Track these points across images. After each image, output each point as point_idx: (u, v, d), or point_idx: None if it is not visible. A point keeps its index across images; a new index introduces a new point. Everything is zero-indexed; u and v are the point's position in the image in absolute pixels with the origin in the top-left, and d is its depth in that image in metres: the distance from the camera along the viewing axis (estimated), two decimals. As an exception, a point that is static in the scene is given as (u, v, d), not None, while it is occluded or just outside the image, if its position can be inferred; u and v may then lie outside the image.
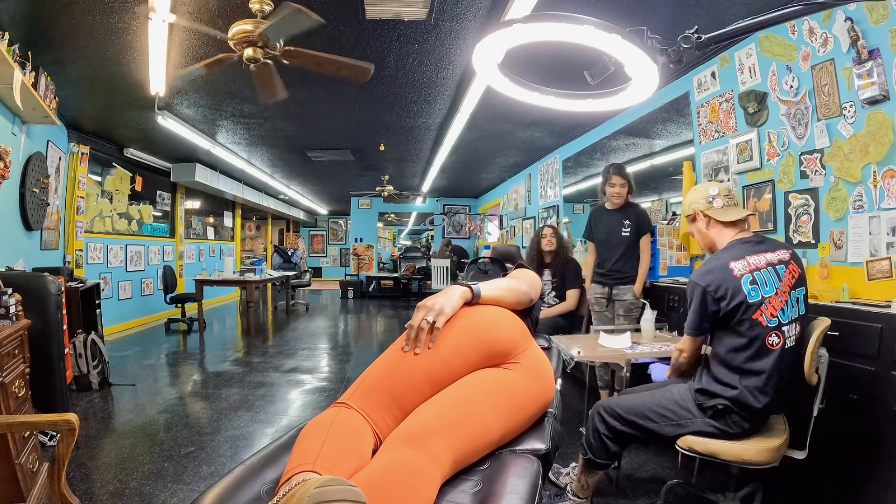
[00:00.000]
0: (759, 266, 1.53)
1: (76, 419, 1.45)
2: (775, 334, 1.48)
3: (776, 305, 1.50)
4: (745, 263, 1.53)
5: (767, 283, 1.51)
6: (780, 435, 1.57)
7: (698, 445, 1.57)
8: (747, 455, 1.51)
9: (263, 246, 14.45)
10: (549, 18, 0.75)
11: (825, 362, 1.60)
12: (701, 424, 1.58)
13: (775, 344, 1.48)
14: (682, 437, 1.60)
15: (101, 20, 2.68)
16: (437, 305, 1.03)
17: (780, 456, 1.54)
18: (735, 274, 1.51)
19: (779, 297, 1.51)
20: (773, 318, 1.49)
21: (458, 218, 11.16)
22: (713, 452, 1.54)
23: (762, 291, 1.50)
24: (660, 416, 1.64)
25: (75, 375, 3.33)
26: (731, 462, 1.54)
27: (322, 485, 0.61)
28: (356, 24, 2.75)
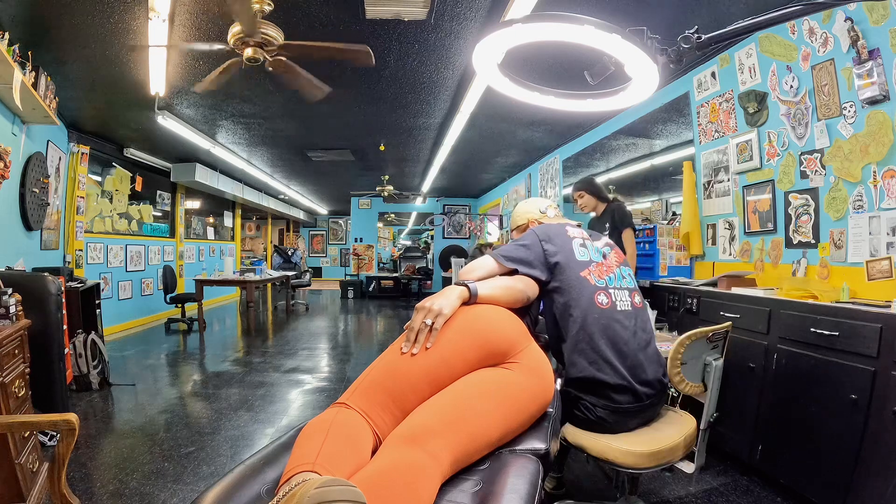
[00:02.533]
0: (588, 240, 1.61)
1: (76, 419, 1.45)
2: (603, 293, 1.49)
3: (602, 271, 1.54)
4: (578, 231, 1.62)
5: (595, 252, 1.58)
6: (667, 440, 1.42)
7: (570, 435, 1.49)
8: (610, 454, 1.39)
9: (263, 246, 14.45)
10: (548, 18, 0.75)
11: (713, 371, 1.50)
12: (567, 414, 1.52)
13: (604, 303, 1.47)
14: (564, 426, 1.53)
15: (101, 20, 2.68)
16: (436, 307, 1.03)
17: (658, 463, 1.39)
18: (568, 235, 1.58)
19: (605, 266, 1.56)
20: (601, 280, 1.52)
21: (458, 218, 11.16)
22: (581, 445, 1.46)
23: (590, 255, 1.55)
24: None
25: (75, 375, 3.33)
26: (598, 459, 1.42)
27: (322, 485, 0.61)
28: (356, 24, 2.75)
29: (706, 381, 1.52)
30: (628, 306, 1.52)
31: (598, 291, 1.48)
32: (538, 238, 1.52)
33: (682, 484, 2.11)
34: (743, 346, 2.12)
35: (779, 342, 1.98)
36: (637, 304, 1.56)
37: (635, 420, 1.48)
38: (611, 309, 1.47)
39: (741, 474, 2.16)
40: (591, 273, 1.51)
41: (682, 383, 1.46)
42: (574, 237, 1.57)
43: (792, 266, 2.41)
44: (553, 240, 1.52)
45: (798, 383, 1.87)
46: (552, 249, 1.50)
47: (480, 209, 10.89)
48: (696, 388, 1.51)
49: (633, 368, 1.43)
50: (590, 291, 1.47)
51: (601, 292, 1.49)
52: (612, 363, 1.42)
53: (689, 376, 1.48)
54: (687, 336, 1.45)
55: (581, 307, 1.45)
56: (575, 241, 1.56)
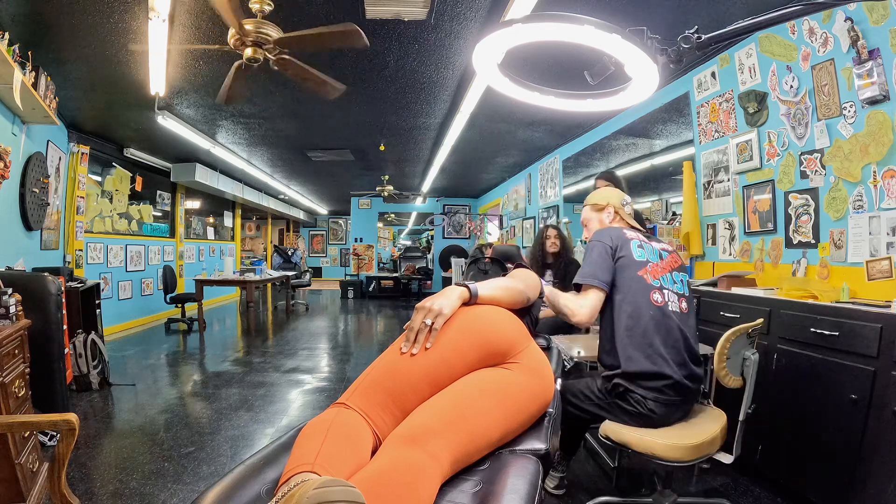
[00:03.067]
0: (646, 242, 1.71)
1: (76, 419, 1.45)
2: (657, 293, 1.59)
3: (658, 271, 1.64)
4: (635, 234, 1.74)
5: (652, 253, 1.68)
6: (706, 433, 1.51)
7: (613, 433, 1.56)
8: (657, 449, 1.46)
9: (263, 246, 14.45)
10: (548, 18, 0.75)
11: (752, 365, 1.59)
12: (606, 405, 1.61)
13: (658, 301, 1.58)
14: (603, 423, 1.61)
15: (101, 20, 2.68)
16: (436, 307, 1.03)
17: (700, 455, 1.48)
18: (627, 237, 1.69)
19: (660, 267, 1.66)
20: (656, 280, 1.62)
21: (458, 218, 11.16)
22: (625, 442, 1.52)
23: (647, 256, 1.66)
24: (581, 394, 1.69)
25: (75, 375, 3.33)
26: (643, 454, 1.49)
27: (321, 485, 0.61)
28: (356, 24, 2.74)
29: (744, 375, 1.60)
30: (676, 308, 1.62)
31: (653, 290, 1.59)
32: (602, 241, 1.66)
33: (681, 484, 2.10)
34: (743, 346, 2.12)
35: (779, 342, 1.98)
36: (684, 309, 1.65)
37: (679, 413, 1.58)
38: (664, 307, 1.58)
39: (741, 474, 2.16)
40: (648, 273, 1.61)
41: (726, 377, 1.55)
42: (632, 238, 1.68)
43: (792, 266, 2.41)
44: (615, 241, 1.65)
45: (798, 383, 1.87)
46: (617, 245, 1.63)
47: (480, 209, 10.89)
48: (737, 382, 1.59)
49: (681, 364, 1.54)
50: (646, 289, 1.58)
51: (656, 291, 1.59)
52: (665, 357, 1.52)
53: (732, 370, 1.57)
54: (732, 332, 1.54)
55: (637, 304, 1.56)
56: (633, 241, 1.67)
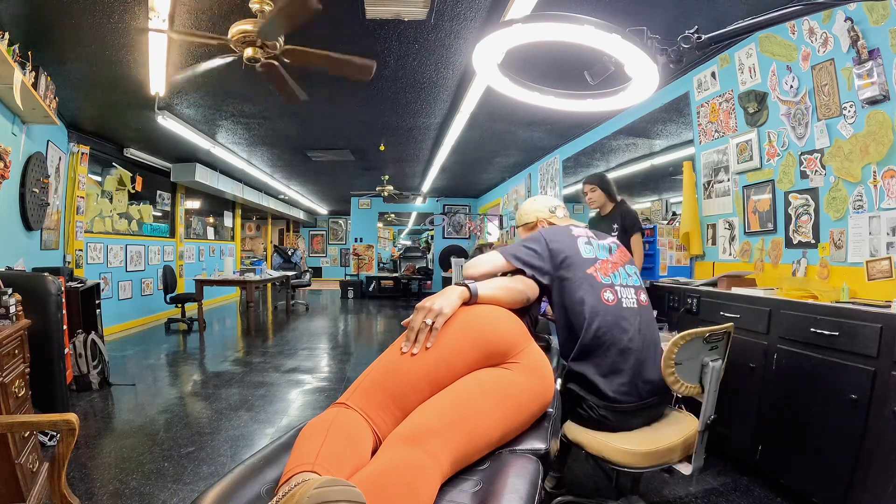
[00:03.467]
0: (593, 238, 1.63)
1: (76, 419, 1.45)
2: (609, 290, 1.50)
3: (608, 268, 1.56)
4: (583, 230, 1.64)
5: (600, 249, 1.60)
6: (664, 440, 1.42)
7: (569, 432, 1.50)
8: (606, 452, 1.40)
9: (263, 246, 14.45)
10: (548, 18, 0.75)
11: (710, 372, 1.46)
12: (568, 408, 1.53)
13: (610, 300, 1.48)
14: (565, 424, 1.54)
15: (101, 20, 2.68)
16: (436, 306, 1.03)
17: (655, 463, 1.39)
18: (573, 234, 1.60)
19: (610, 263, 1.58)
20: (607, 277, 1.53)
21: (458, 218, 11.16)
22: (580, 442, 1.47)
23: (595, 253, 1.57)
24: None
25: (75, 375, 3.33)
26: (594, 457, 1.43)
27: (321, 485, 0.61)
28: (356, 24, 2.75)
29: (703, 383, 1.49)
30: (633, 304, 1.53)
31: (604, 289, 1.50)
32: (545, 239, 1.54)
33: (682, 484, 2.11)
34: (743, 346, 2.12)
35: (779, 342, 1.98)
36: (643, 301, 1.57)
37: (637, 419, 1.48)
38: (616, 306, 1.48)
39: (741, 474, 2.16)
40: (598, 270, 1.52)
41: (676, 384, 1.44)
42: (579, 235, 1.59)
43: (792, 266, 2.41)
44: (560, 240, 1.55)
45: (798, 383, 1.87)
46: (558, 248, 1.52)
47: (480, 209, 10.89)
48: (694, 389, 1.48)
49: (636, 367, 1.44)
50: (596, 289, 1.49)
51: (607, 289, 1.50)
52: (616, 362, 1.42)
53: (686, 377, 1.46)
54: (681, 336, 1.42)
55: (588, 304, 1.46)
56: (580, 238, 1.58)
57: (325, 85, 3.75)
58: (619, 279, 1.56)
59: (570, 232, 1.60)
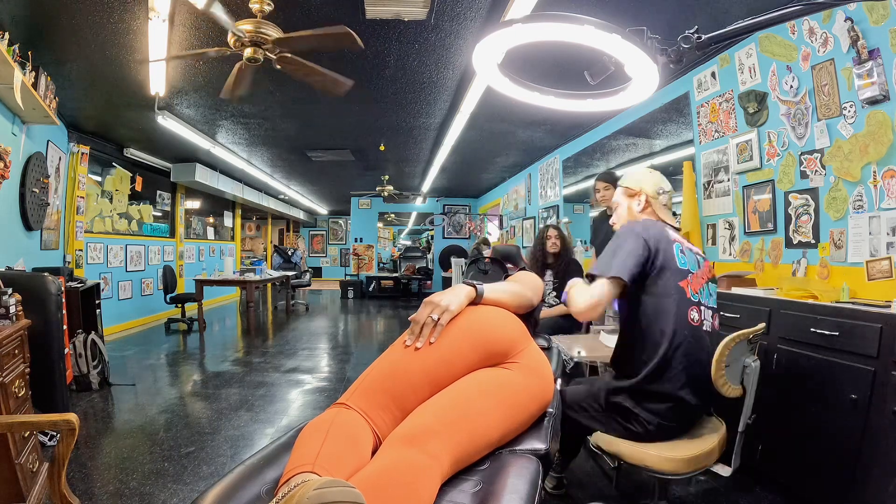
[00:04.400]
0: (686, 247, 1.52)
1: (76, 419, 1.45)
2: (695, 310, 1.41)
3: (697, 283, 1.46)
4: (678, 235, 1.52)
5: (693, 262, 1.49)
6: (703, 445, 1.42)
7: (605, 444, 1.49)
8: (649, 461, 1.38)
9: (263, 246, 14.45)
10: (548, 18, 0.75)
11: (752, 372, 1.47)
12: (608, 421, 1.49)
13: (695, 320, 1.40)
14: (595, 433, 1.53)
15: (101, 20, 2.68)
16: (444, 302, 1.03)
17: (695, 468, 1.40)
18: (671, 238, 1.47)
19: (699, 278, 1.48)
20: (696, 294, 1.44)
21: (458, 218, 11.16)
22: (618, 453, 1.45)
23: (689, 264, 1.46)
24: (580, 406, 1.57)
25: (75, 375, 3.33)
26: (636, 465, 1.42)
27: (321, 486, 0.61)
28: (356, 24, 2.75)
29: (744, 384, 1.49)
30: (710, 328, 1.47)
31: (691, 307, 1.41)
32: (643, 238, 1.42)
33: (681, 484, 2.10)
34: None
35: (779, 342, 1.98)
36: (716, 327, 1.51)
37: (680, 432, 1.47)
38: (699, 327, 1.41)
39: (741, 474, 2.15)
40: (689, 285, 1.43)
41: (725, 386, 1.41)
42: (675, 240, 1.48)
43: (792, 266, 2.41)
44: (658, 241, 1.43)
45: (798, 383, 1.87)
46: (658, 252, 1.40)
47: (480, 209, 10.89)
48: (737, 391, 1.46)
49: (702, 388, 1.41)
50: (685, 305, 1.40)
51: (694, 308, 1.42)
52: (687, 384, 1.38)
53: (731, 379, 1.44)
54: (731, 338, 1.39)
55: (673, 321, 1.38)
56: (676, 245, 1.47)
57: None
58: (705, 297, 1.48)
59: (668, 235, 1.47)
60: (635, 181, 1.70)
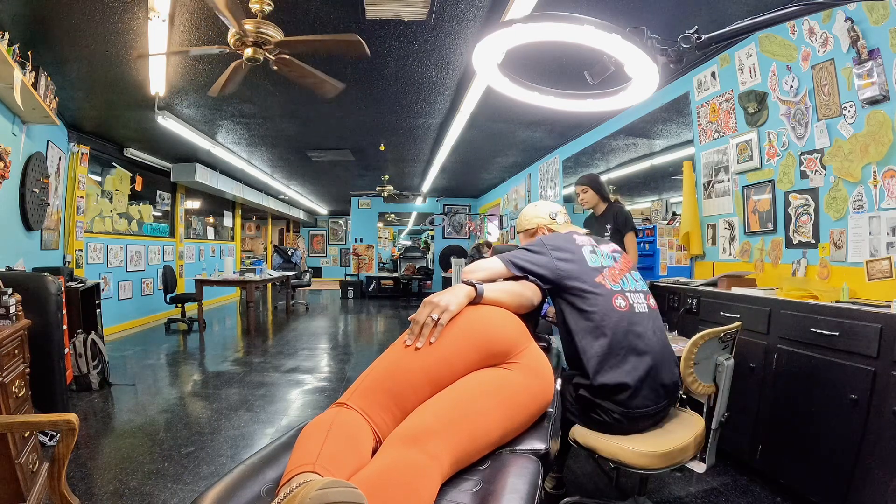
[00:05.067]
0: (596, 246, 1.59)
1: (76, 419, 1.45)
2: (620, 297, 1.47)
3: (616, 275, 1.53)
4: (587, 239, 1.60)
5: (605, 257, 1.56)
6: (678, 440, 1.43)
7: (580, 437, 1.50)
8: (622, 455, 1.39)
9: (263, 246, 14.45)
10: (548, 18, 0.75)
11: (725, 370, 1.49)
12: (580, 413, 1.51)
13: (622, 306, 1.45)
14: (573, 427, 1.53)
15: (101, 20, 2.68)
16: (443, 302, 1.03)
17: (670, 463, 1.39)
18: (577, 242, 1.56)
19: (617, 270, 1.55)
20: (616, 284, 1.50)
21: (458, 218, 11.16)
22: (592, 447, 1.46)
23: (601, 261, 1.54)
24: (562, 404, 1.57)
25: (75, 375, 3.33)
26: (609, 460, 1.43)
27: (323, 487, 0.61)
28: (356, 24, 2.75)
29: (717, 381, 1.52)
30: (644, 308, 1.52)
31: (615, 295, 1.47)
32: (547, 247, 1.50)
33: (681, 484, 2.11)
34: (743, 346, 2.12)
35: (779, 342, 1.98)
36: (652, 305, 1.56)
37: (649, 421, 1.48)
38: (629, 312, 1.46)
39: (741, 474, 2.16)
40: (606, 278, 1.49)
41: (694, 383, 1.46)
42: (583, 244, 1.56)
43: (792, 266, 2.41)
44: (563, 248, 1.51)
45: (798, 383, 1.88)
46: (563, 257, 1.48)
47: (480, 209, 10.89)
48: (708, 389, 1.50)
49: (652, 370, 1.42)
50: (608, 295, 1.46)
51: (618, 296, 1.47)
52: (633, 368, 1.40)
53: (702, 376, 1.47)
54: (700, 336, 1.44)
55: (600, 312, 1.43)
56: (585, 248, 1.54)
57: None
58: (629, 285, 1.54)
59: (574, 240, 1.56)
60: (528, 221, 1.83)
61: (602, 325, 1.42)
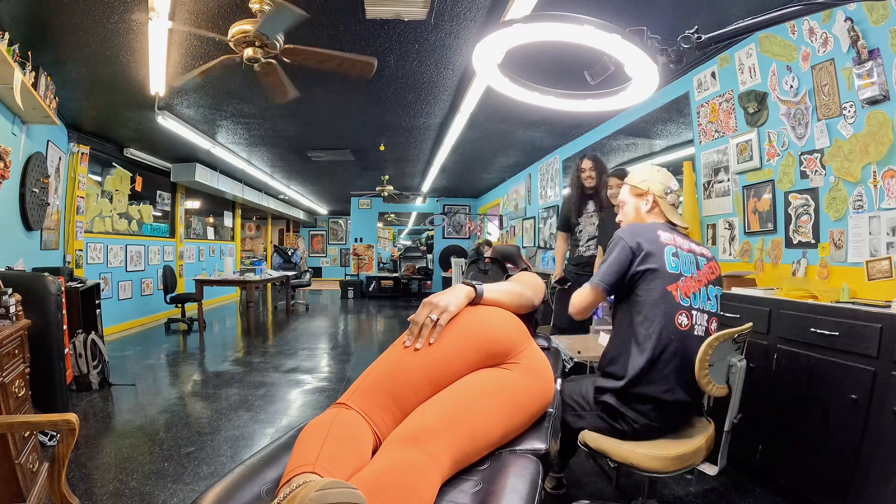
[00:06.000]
0: (683, 247, 1.52)
1: (76, 419, 1.45)
2: (685, 314, 1.42)
3: (690, 287, 1.46)
4: (671, 237, 1.52)
5: (687, 264, 1.49)
6: (690, 443, 1.43)
7: (591, 441, 1.50)
8: (635, 459, 1.39)
9: (263, 246, 14.45)
10: (548, 18, 0.75)
11: (738, 372, 1.49)
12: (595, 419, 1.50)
13: (684, 324, 1.41)
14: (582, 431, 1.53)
15: (101, 20, 2.68)
16: (443, 303, 1.03)
17: (682, 466, 1.40)
18: (661, 241, 1.48)
19: (694, 281, 1.48)
20: (686, 298, 1.44)
21: (458, 218, 11.16)
22: (604, 450, 1.46)
23: (681, 268, 1.46)
24: (567, 405, 1.58)
25: (75, 375, 3.33)
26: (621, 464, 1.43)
27: (323, 487, 0.61)
28: (356, 24, 2.75)
29: (730, 383, 1.50)
30: (703, 332, 1.47)
31: (680, 311, 1.42)
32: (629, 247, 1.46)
33: (682, 484, 2.11)
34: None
35: (779, 342, 1.98)
36: (712, 331, 1.50)
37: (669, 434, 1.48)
38: (688, 331, 1.42)
39: (741, 474, 2.16)
40: (679, 289, 1.44)
41: (709, 385, 1.43)
42: (667, 244, 1.49)
43: (792, 266, 2.41)
44: (645, 245, 1.45)
45: (798, 383, 1.87)
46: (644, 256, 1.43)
47: (480, 209, 10.89)
48: (722, 390, 1.48)
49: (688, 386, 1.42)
50: (672, 310, 1.41)
51: (683, 312, 1.42)
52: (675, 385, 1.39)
53: (716, 378, 1.46)
54: (715, 337, 1.41)
55: (660, 326, 1.39)
56: (668, 248, 1.48)
57: (326, 85, 3.75)
58: (699, 302, 1.47)
59: (659, 237, 1.49)
60: (642, 180, 1.69)
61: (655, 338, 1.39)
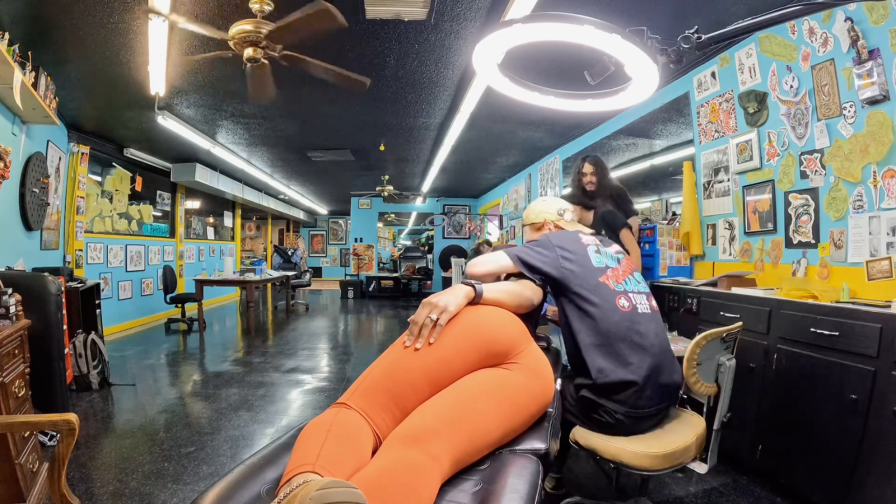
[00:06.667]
0: (601, 246, 1.60)
1: (76, 419, 1.45)
2: (623, 297, 1.48)
3: (619, 275, 1.54)
4: (591, 239, 1.61)
5: (609, 258, 1.57)
6: (679, 441, 1.42)
7: (581, 438, 1.50)
8: (624, 457, 1.38)
9: (263, 246, 14.45)
10: (548, 18, 0.75)
11: (727, 371, 1.50)
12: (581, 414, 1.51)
13: (626, 307, 1.46)
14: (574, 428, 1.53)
15: (101, 20, 2.68)
16: (442, 303, 1.03)
17: (672, 464, 1.38)
18: (583, 242, 1.57)
19: (620, 271, 1.55)
20: (619, 284, 1.51)
21: (458, 218, 11.16)
22: (593, 447, 1.46)
23: (606, 262, 1.54)
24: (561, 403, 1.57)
25: (75, 375, 3.33)
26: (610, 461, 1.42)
27: (324, 487, 0.61)
28: (356, 24, 2.75)
29: (719, 382, 1.52)
30: (647, 309, 1.52)
31: (618, 295, 1.47)
32: (554, 245, 1.51)
33: (681, 484, 2.11)
34: (743, 346, 2.11)
35: (779, 342, 1.98)
36: (654, 307, 1.56)
37: (651, 422, 1.48)
38: (632, 312, 1.47)
39: (741, 474, 2.16)
40: (609, 278, 1.50)
41: (697, 384, 1.46)
42: (588, 244, 1.56)
43: (792, 266, 2.41)
44: (568, 247, 1.51)
45: (798, 383, 1.88)
46: (568, 256, 1.49)
47: (480, 209, 10.89)
48: (710, 389, 1.50)
49: (655, 370, 1.42)
50: (611, 296, 1.46)
51: (621, 296, 1.48)
52: (637, 367, 1.40)
53: (704, 377, 1.48)
54: (703, 336, 1.45)
55: (603, 312, 1.44)
56: (590, 247, 1.55)
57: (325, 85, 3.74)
58: (631, 286, 1.54)
59: (580, 239, 1.57)
60: (536, 214, 1.83)
61: (604, 325, 1.42)
